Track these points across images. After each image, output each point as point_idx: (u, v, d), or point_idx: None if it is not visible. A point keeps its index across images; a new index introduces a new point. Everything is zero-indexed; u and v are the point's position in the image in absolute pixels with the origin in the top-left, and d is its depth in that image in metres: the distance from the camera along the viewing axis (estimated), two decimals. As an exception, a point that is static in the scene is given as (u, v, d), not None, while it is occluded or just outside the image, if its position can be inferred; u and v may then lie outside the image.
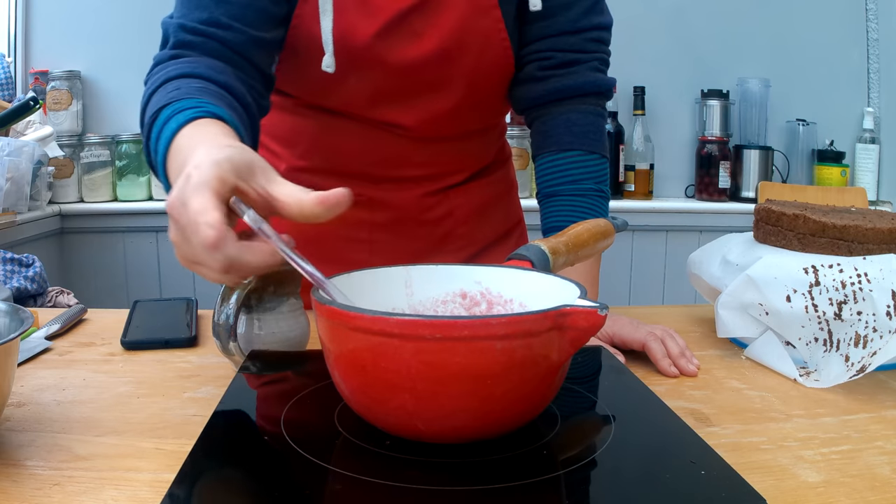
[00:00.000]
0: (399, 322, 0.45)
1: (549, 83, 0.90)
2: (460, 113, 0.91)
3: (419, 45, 0.85)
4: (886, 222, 0.75)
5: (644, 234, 2.35)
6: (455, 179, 0.98)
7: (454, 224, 0.99)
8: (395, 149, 0.92)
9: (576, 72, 0.90)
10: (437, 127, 0.92)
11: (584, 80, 0.90)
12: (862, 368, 0.68)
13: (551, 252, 0.61)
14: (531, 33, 0.90)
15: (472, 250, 1.02)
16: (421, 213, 0.97)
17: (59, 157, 2.15)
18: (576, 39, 0.89)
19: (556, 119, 0.91)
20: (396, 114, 0.89)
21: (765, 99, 2.40)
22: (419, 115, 0.90)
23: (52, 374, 0.72)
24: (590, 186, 0.89)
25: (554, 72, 0.90)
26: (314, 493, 0.43)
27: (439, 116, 0.90)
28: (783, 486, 0.50)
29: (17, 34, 2.30)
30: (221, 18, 0.75)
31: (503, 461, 0.47)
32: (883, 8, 2.43)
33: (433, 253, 0.98)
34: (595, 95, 0.92)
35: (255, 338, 0.72)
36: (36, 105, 1.64)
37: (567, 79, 0.90)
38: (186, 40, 0.75)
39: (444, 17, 0.84)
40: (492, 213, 1.04)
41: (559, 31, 0.89)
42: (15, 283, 1.49)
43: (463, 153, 0.97)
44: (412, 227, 0.97)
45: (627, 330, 0.79)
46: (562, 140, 0.90)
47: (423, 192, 0.96)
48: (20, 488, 0.49)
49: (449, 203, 0.98)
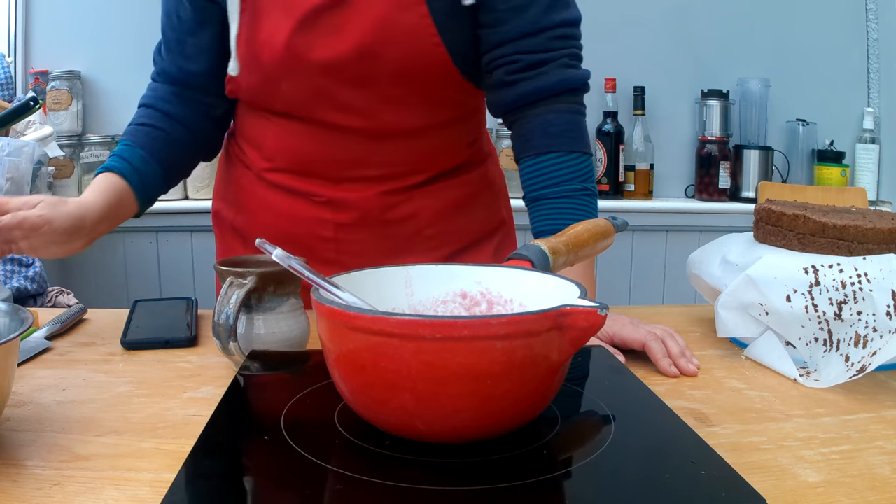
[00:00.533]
0: (399, 322, 0.45)
1: (520, 87, 0.88)
2: (400, 110, 0.91)
3: (339, 41, 0.85)
4: (886, 222, 0.75)
5: (644, 234, 2.35)
6: (416, 179, 0.97)
7: (421, 225, 0.99)
8: (348, 149, 0.93)
9: (545, 72, 0.88)
10: (380, 125, 0.91)
11: (555, 79, 0.88)
12: (862, 368, 0.68)
13: (551, 252, 0.61)
14: (492, 38, 0.88)
15: (447, 250, 1.01)
16: (383, 212, 0.96)
17: (59, 157, 2.15)
18: (539, 40, 0.87)
19: (533, 122, 0.89)
20: (337, 114, 0.90)
21: (765, 99, 2.39)
22: (359, 113, 0.90)
23: (52, 374, 0.72)
24: (574, 186, 0.88)
25: (522, 75, 0.88)
26: (314, 493, 0.43)
27: (378, 114, 0.90)
28: (783, 486, 0.50)
29: (17, 34, 2.30)
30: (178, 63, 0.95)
31: (503, 461, 0.47)
32: (883, 8, 2.43)
33: (403, 253, 0.98)
34: (569, 93, 0.89)
35: (255, 338, 0.72)
36: (36, 105, 1.64)
37: (537, 81, 0.88)
38: (158, 69, 0.97)
39: (364, 13, 0.84)
40: (466, 214, 1.02)
41: (520, 33, 0.87)
42: (15, 283, 1.49)
43: (423, 152, 0.96)
44: (376, 226, 0.97)
45: (628, 330, 0.79)
46: (539, 143, 0.89)
47: (383, 190, 0.96)
48: (20, 488, 0.49)
49: (413, 204, 0.98)
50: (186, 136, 0.96)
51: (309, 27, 0.85)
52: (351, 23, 0.84)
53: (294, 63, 0.87)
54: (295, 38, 0.85)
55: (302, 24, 0.84)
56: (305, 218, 0.98)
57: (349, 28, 0.84)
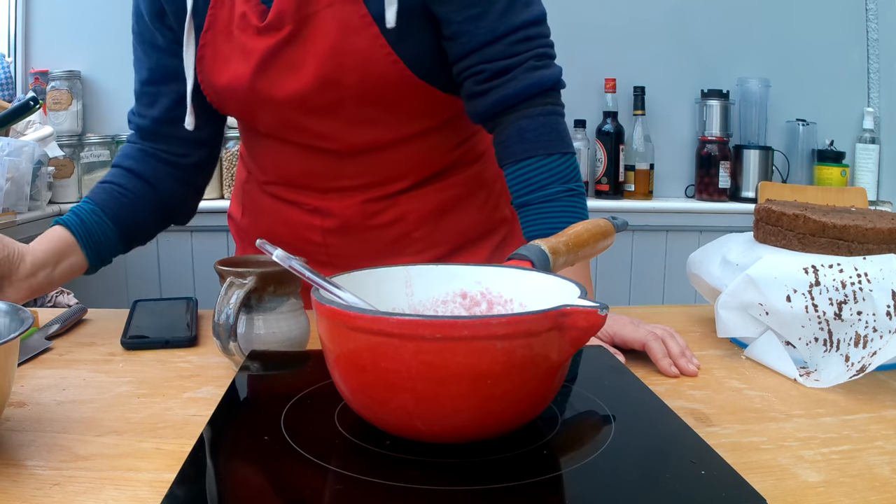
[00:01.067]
0: (399, 322, 0.45)
1: (490, 96, 0.87)
2: (371, 129, 0.92)
3: (298, 76, 0.86)
4: (886, 222, 0.75)
5: (644, 234, 2.35)
6: (398, 186, 0.98)
7: (408, 228, 1.00)
8: (327, 164, 0.95)
9: (512, 78, 0.86)
10: (355, 142, 0.93)
11: (523, 84, 0.87)
12: (862, 368, 0.68)
13: (551, 252, 0.61)
14: (456, 50, 0.87)
15: (438, 251, 1.02)
16: (366, 219, 0.98)
17: (59, 157, 2.15)
18: (500, 47, 0.86)
19: (509, 128, 0.88)
20: (312, 137, 0.92)
21: (765, 99, 2.39)
22: (328, 138, 0.92)
23: (52, 374, 0.72)
24: (557, 189, 0.87)
25: (489, 84, 0.87)
26: (314, 493, 0.43)
27: (348, 136, 0.92)
28: (783, 486, 0.50)
29: (17, 34, 2.30)
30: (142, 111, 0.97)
31: (503, 461, 0.47)
32: (883, 8, 2.43)
33: (391, 255, 0.99)
34: (540, 95, 0.88)
35: (255, 338, 0.72)
36: (36, 105, 1.64)
37: (504, 89, 0.87)
38: (132, 127, 1.00)
39: (317, 44, 0.85)
40: (457, 215, 1.02)
41: (480, 43, 0.86)
42: (15, 283, 1.49)
43: (402, 160, 0.96)
44: (360, 231, 0.99)
45: (628, 330, 0.79)
46: (517, 150, 0.88)
47: (364, 199, 0.97)
48: (20, 488, 0.49)
49: (398, 208, 0.98)
50: (149, 194, 0.97)
51: (267, 68, 0.87)
52: (307, 56, 0.85)
53: (261, 102, 0.89)
54: (256, 81, 0.87)
55: (260, 66, 0.87)
56: (297, 224, 1.01)
57: (306, 62, 0.85)
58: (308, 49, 0.85)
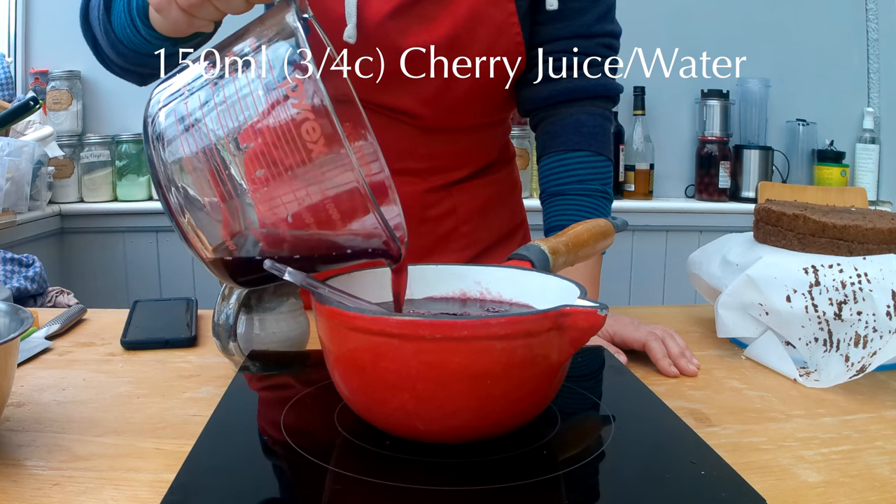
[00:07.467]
0: (399, 322, 0.45)
1: (560, 84, 0.91)
2: (467, 103, 0.92)
3: (431, 30, 0.86)
4: (886, 222, 0.75)
5: (644, 234, 2.35)
6: (458, 175, 0.98)
7: (457, 222, 1.00)
8: (399, 138, 0.93)
9: (589, 73, 0.92)
10: (443, 116, 0.92)
11: (595, 82, 0.92)
12: (862, 368, 0.68)
13: (551, 252, 0.61)
14: (545, 34, 0.91)
15: (473, 251, 1.02)
16: (424, 209, 0.97)
17: (59, 157, 2.15)
18: (589, 43, 0.91)
19: (566, 120, 0.92)
20: (405, 100, 0.90)
21: (765, 99, 2.40)
22: (427, 102, 0.91)
23: (52, 374, 0.72)
24: (596, 187, 0.91)
25: (565, 73, 0.91)
26: (314, 493, 0.43)
27: (447, 105, 0.91)
28: (783, 486, 0.50)
29: (17, 34, 2.30)
30: None
31: (503, 461, 0.47)
32: (883, 8, 2.43)
33: (435, 252, 0.99)
34: (604, 99, 0.93)
35: (255, 338, 0.72)
36: (36, 105, 1.64)
37: (578, 81, 0.91)
38: None
39: (457, 4, 0.86)
40: (495, 213, 1.04)
41: (573, 33, 0.90)
42: (15, 283, 1.49)
43: (466, 148, 0.98)
44: (415, 224, 0.97)
45: (628, 330, 0.79)
46: (570, 140, 0.91)
47: (427, 187, 0.97)
48: (20, 488, 0.49)
49: (452, 200, 0.99)
50: None
51: (405, 12, 0.86)
52: (444, 12, 0.86)
53: (383, 44, 0.87)
54: (389, 21, 0.86)
55: (399, 8, 0.86)
56: None
57: (442, 17, 0.86)
58: (448, 6, 0.86)
